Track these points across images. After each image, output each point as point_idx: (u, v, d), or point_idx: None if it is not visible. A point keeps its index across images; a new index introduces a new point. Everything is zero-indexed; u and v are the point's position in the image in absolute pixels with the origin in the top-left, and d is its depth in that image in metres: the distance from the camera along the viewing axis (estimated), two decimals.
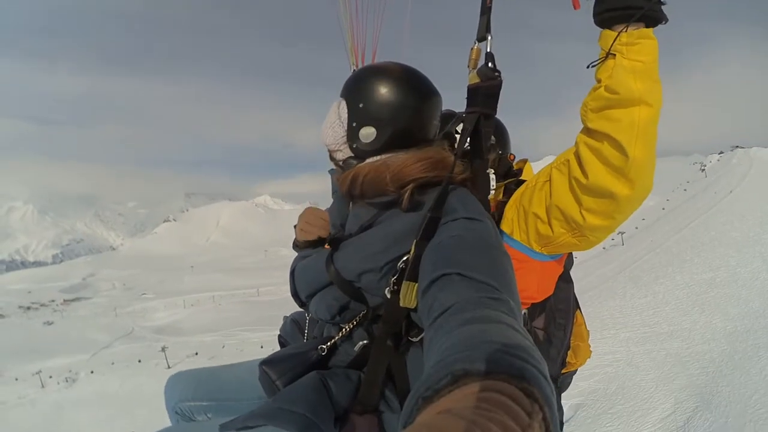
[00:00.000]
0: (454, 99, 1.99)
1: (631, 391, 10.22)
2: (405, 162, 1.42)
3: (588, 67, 1.42)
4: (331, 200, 1.84)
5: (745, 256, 15.21)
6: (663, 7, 1.34)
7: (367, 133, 1.50)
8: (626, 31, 1.31)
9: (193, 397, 1.85)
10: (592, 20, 1.41)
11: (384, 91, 1.50)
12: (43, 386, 60.67)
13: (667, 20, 1.34)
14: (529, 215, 1.63)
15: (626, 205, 1.41)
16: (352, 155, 1.57)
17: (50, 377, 62.79)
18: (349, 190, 1.49)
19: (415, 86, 1.53)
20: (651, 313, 13.74)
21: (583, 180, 1.43)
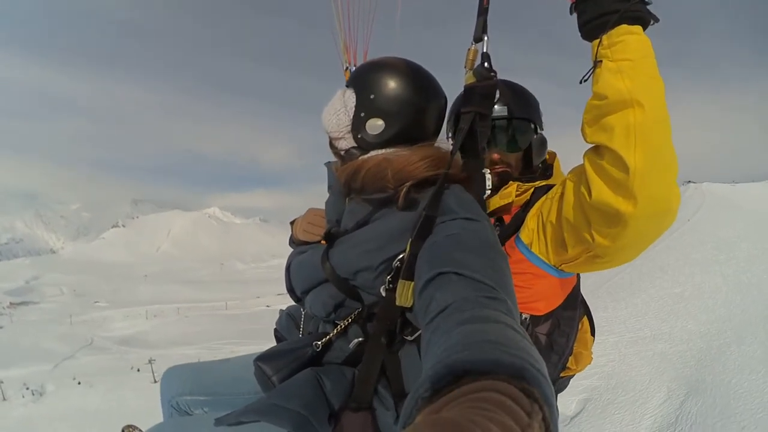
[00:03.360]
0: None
1: (629, 385, 12.56)
2: (408, 159, 1.41)
3: (581, 82, 1.37)
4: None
5: (708, 274, 17.71)
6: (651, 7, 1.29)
7: (375, 125, 1.49)
8: (607, 33, 1.26)
9: (191, 391, 1.88)
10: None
11: (397, 85, 1.49)
12: (4, 398, 56.02)
13: (657, 20, 1.28)
14: (547, 225, 1.58)
15: (635, 224, 1.26)
16: (355, 145, 1.55)
17: (26, 388, 57.48)
18: (349, 182, 1.48)
19: (426, 85, 1.54)
20: (633, 322, 15.97)
21: (587, 198, 1.35)
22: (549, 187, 1.71)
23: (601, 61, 1.28)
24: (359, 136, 1.53)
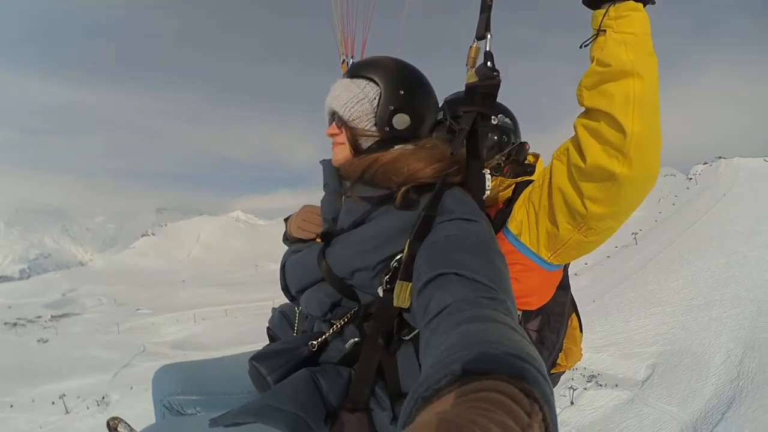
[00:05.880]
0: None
1: (691, 348, 14.31)
2: (427, 162, 1.41)
3: (581, 46, 1.40)
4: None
5: (751, 243, 19.04)
6: None
7: (403, 121, 1.48)
8: (614, 5, 1.31)
9: (183, 391, 1.86)
10: (582, 4, 1.40)
11: (424, 85, 1.56)
12: (67, 412, 51.26)
13: (653, 2, 1.34)
14: (539, 212, 1.58)
15: (628, 188, 1.34)
16: (378, 137, 1.52)
17: (82, 400, 53.52)
18: (362, 173, 1.46)
19: (431, 87, 1.60)
20: (686, 292, 17.47)
21: (581, 164, 1.39)
22: (530, 182, 1.76)
23: (604, 30, 1.33)
24: (386, 129, 1.50)
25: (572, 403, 20.37)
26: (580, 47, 1.41)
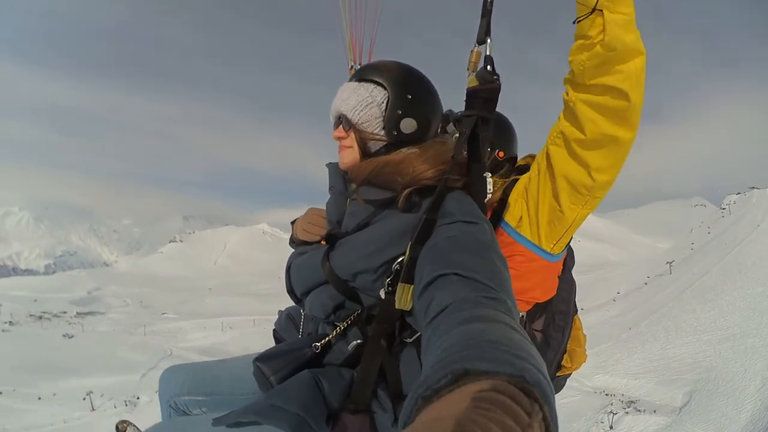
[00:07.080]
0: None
1: (727, 376, 14.73)
2: (431, 164, 1.44)
3: (574, 23, 1.43)
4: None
5: None
6: None
7: (410, 125, 1.50)
8: None
9: (189, 391, 1.89)
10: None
11: (430, 90, 1.57)
12: (93, 409, 51.61)
13: None
14: (540, 204, 1.62)
15: (627, 148, 1.48)
16: (386, 140, 1.54)
17: (108, 399, 53.88)
18: (369, 174, 1.48)
19: (436, 92, 1.61)
20: (722, 321, 17.75)
21: (582, 137, 1.47)
22: (517, 180, 1.79)
23: (601, 10, 1.35)
24: (394, 133, 1.52)
25: (612, 427, 20.38)
26: (573, 23, 1.44)
